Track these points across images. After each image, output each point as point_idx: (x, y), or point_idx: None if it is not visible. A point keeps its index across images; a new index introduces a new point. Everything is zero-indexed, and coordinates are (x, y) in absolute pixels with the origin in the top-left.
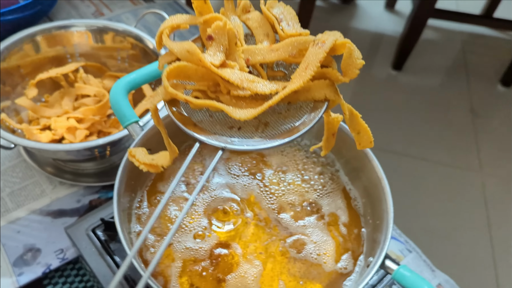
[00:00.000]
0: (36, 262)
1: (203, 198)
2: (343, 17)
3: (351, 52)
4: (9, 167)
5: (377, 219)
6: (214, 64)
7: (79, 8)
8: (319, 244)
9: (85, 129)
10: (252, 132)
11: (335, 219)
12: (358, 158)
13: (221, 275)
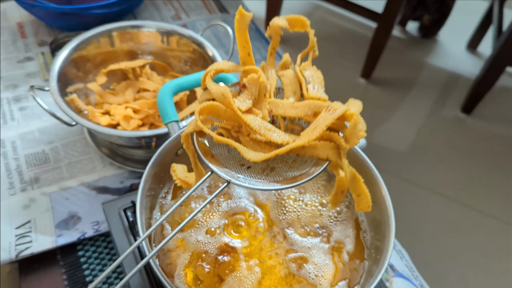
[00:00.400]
0: (74, 228)
1: (228, 203)
2: (420, 51)
3: (356, 123)
4: (72, 141)
5: (378, 254)
6: (241, 109)
7: (161, 10)
8: (319, 266)
9: (139, 120)
10: (258, 173)
11: (340, 246)
12: (373, 192)
13: (222, 275)
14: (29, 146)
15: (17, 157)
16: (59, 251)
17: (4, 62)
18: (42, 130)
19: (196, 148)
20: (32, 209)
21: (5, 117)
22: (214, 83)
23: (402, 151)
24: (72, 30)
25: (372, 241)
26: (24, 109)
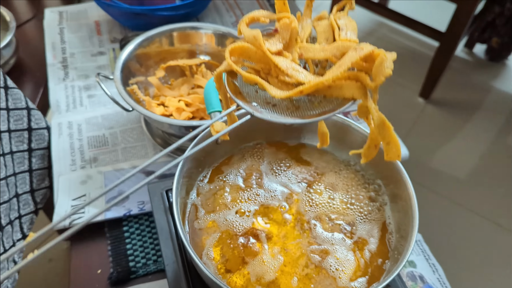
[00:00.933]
0: (122, 205)
1: (261, 192)
2: (486, 74)
3: (383, 61)
4: (129, 128)
5: (399, 254)
6: (270, 51)
7: (223, 16)
8: (341, 260)
9: (190, 112)
10: (283, 110)
11: (363, 243)
12: (403, 198)
13: (246, 257)
14: (92, 129)
15: (81, 138)
16: (106, 224)
17: (80, 55)
18: (105, 117)
19: (226, 87)
20: (88, 184)
21: (75, 102)
22: (247, 28)
23: (458, 175)
24: (141, 29)
25: (396, 244)
26: (92, 97)
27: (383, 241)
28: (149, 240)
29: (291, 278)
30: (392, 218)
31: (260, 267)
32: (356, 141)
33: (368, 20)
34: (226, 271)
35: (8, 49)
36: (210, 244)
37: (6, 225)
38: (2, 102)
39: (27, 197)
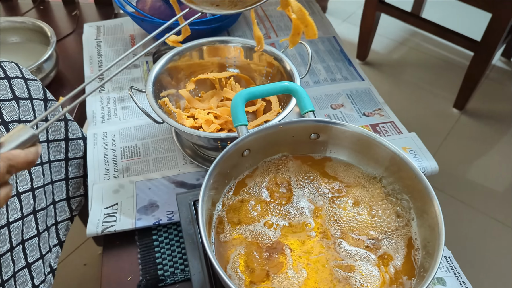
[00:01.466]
0: (151, 215)
1: (288, 206)
2: None
3: None
4: (160, 139)
5: (425, 272)
6: None
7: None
8: (366, 276)
9: (218, 125)
10: (225, 7)
11: (388, 259)
12: (430, 214)
13: (270, 270)
14: (125, 140)
15: (114, 148)
16: (137, 232)
17: (115, 68)
18: (138, 128)
19: None
20: (120, 193)
21: (110, 113)
22: None
23: (495, 188)
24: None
25: (422, 261)
26: (126, 108)
27: (409, 258)
28: (177, 249)
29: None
30: (418, 234)
31: (284, 281)
32: (381, 155)
33: (401, 29)
34: (251, 283)
35: (48, 62)
36: (235, 256)
37: (43, 231)
38: (42, 113)
39: (63, 204)
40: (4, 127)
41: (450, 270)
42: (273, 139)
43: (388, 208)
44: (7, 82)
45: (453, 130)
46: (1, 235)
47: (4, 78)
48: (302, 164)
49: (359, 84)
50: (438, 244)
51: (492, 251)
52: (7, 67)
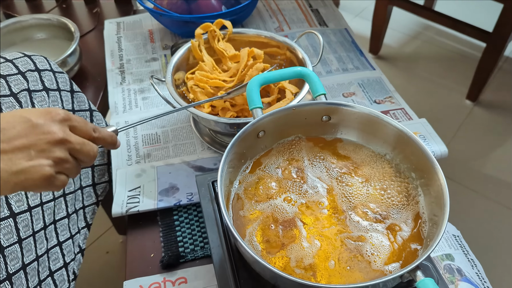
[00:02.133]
0: (172, 196)
1: (305, 186)
2: None
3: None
4: (180, 127)
5: (430, 241)
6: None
7: (267, 22)
8: (376, 246)
9: (234, 112)
10: None
11: (397, 230)
12: (436, 188)
13: (285, 242)
14: (146, 128)
15: (136, 136)
16: (159, 213)
17: (135, 61)
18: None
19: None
20: (142, 177)
21: (131, 104)
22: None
23: (509, 178)
24: (190, 36)
25: (429, 232)
26: (146, 99)
27: (416, 229)
28: (196, 228)
29: (328, 261)
30: (426, 208)
31: (299, 251)
32: (388, 134)
33: (413, 23)
34: (267, 253)
35: (72, 57)
36: (252, 229)
37: (72, 213)
38: (69, 104)
39: (90, 190)
40: None
41: (459, 248)
42: (286, 122)
43: (397, 185)
44: (37, 74)
45: (466, 122)
46: (36, 214)
47: (35, 70)
48: (314, 146)
49: (370, 74)
50: (443, 213)
51: (505, 237)
52: (37, 60)
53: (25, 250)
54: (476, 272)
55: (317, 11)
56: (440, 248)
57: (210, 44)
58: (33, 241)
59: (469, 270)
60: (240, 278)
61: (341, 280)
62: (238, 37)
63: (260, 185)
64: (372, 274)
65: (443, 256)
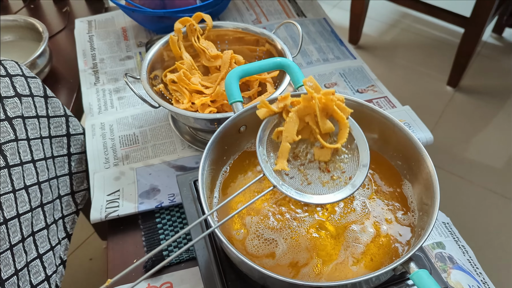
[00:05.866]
0: (153, 198)
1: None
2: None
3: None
4: (158, 126)
5: (422, 229)
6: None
7: (244, 15)
8: (365, 233)
9: (215, 108)
10: (296, 182)
11: (386, 221)
12: (425, 176)
13: (272, 239)
14: (123, 129)
15: (113, 137)
16: (140, 216)
17: (109, 60)
18: (135, 116)
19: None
20: (121, 180)
21: (106, 104)
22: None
23: (492, 162)
24: (165, 32)
25: (419, 221)
26: (122, 99)
27: (406, 219)
28: (180, 230)
29: (318, 257)
30: (414, 197)
31: (286, 248)
32: (373, 122)
33: (391, 11)
34: (254, 252)
35: (42, 58)
36: (236, 227)
37: (51, 224)
38: (43, 110)
39: (69, 199)
40: (8, 123)
41: (449, 235)
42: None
43: (381, 173)
44: (8, 80)
45: (448, 108)
46: (12, 226)
47: (5, 76)
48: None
49: (351, 63)
50: (433, 201)
51: (493, 221)
52: (8, 65)
53: (2, 265)
54: (467, 259)
55: (295, 2)
56: (431, 237)
57: (189, 40)
58: (10, 255)
59: (460, 257)
60: (228, 280)
61: (334, 277)
62: (215, 31)
63: (243, 181)
64: (362, 271)
65: (434, 244)
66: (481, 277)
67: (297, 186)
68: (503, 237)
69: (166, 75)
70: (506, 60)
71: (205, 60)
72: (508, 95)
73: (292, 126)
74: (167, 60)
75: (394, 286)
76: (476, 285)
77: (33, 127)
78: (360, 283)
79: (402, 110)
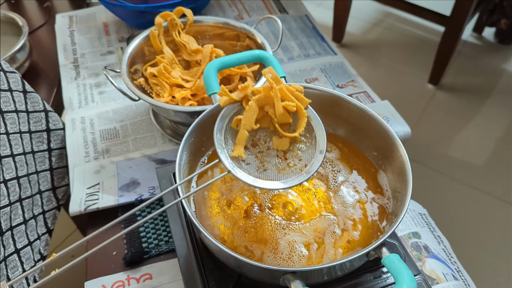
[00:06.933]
0: (133, 191)
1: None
2: (497, 57)
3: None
4: (139, 120)
5: (395, 216)
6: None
7: (226, 10)
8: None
9: (195, 101)
10: (253, 169)
11: (363, 209)
12: (398, 164)
13: (249, 227)
14: (104, 123)
15: (93, 131)
16: (120, 209)
17: (90, 55)
18: (116, 111)
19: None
20: (101, 174)
21: (87, 99)
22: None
23: (473, 158)
24: (147, 27)
25: (393, 209)
26: (103, 93)
27: (381, 207)
28: (160, 223)
29: (296, 244)
30: (389, 186)
31: (263, 236)
32: (349, 114)
33: (374, 10)
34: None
35: (22, 52)
36: (216, 218)
37: (29, 219)
38: (22, 105)
39: (49, 194)
40: None
41: (425, 225)
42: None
43: (357, 163)
44: None
45: (430, 105)
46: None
47: None
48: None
49: (332, 59)
50: (406, 188)
51: (471, 215)
52: None
53: None
54: (442, 248)
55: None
56: (407, 227)
57: (170, 34)
58: None
59: (435, 246)
60: (206, 269)
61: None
62: (196, 26)
63: (220, 171)
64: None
65: (410, 234)
66: (455, 266)
67: (253, 172)
68: (483, 232)
69: (146, 69)
70: (486, 59)
71: (186, 55)
72: (488, 93)
73: (251, 115)
74: (148, 54)
75: (369, 273)
76: (450, 273)
77: (12, 121)
78: (334, 267)
79: (381, 104)
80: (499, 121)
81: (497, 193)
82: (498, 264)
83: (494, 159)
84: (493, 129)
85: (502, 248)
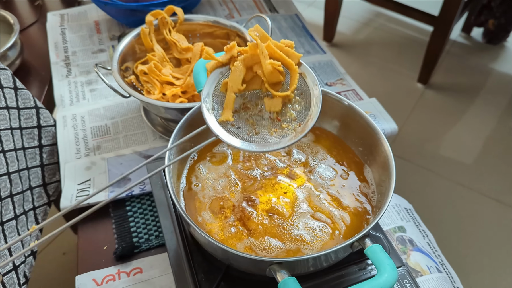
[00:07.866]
0: (124, 186)
1: (254, 171)
2: (485, 57)
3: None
4: (130, 117)
5: (378, 208)
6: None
7: (217, 9)
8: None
9: (185, 99)
10: (243, 133)
11: (346, 203)
12: (382, 157)
13: (238, 220)
14: (95, 120)
15: (84, 128)
16: (111, 205)
17: (81, 53)
18: (107, 108)
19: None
20: (92, 170)
21: (78, 96)
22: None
23: (461, 156)
24: (138, 26)
25: (377, 202)
26: (94, 91)
27: (366, 199)
28: (151, 218)
29: (282, 237)
30: (374, 180)
31: (251, 228)
32: (335, 110)
33: (365, 10)
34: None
35: (13, 50)
36: (205, 211)
37: (20, 214)
38: (13, 102)
39: (40, 190)
40: None
41: (411, 220)
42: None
43: (344, 158)
44: None
45: (419, 104)
46: None
47: None
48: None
49: (321, 57)
50: (389, 180)
51: (458, 211)
52: None
53: None
54: (427, 242)
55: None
56: (393, 221)
57: (161, 32)
58: None
59: (420, 240)
60: (195, 262)
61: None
62: (187, 24)
63: (210, 167)
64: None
65: (396, 228)
66: (439, 259)
67: (244, 136)
68: (467, 227)
69: (137, 67)
70: (474, 59)
71: (177, 53)
72: (476, 92)
73: (237, 76)
74: (139, 52)
75: (354, 265)
76: (434, 266)
77: (3, 117)
78: (319, 257)
79: (368, 102)
80: (487, 120)
81: (483, 190)
82: (481, 258)
83: (481, 157)
84: (481, 128)
85: (486, 242)
